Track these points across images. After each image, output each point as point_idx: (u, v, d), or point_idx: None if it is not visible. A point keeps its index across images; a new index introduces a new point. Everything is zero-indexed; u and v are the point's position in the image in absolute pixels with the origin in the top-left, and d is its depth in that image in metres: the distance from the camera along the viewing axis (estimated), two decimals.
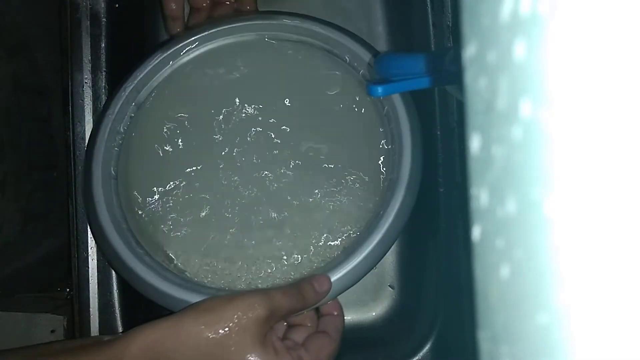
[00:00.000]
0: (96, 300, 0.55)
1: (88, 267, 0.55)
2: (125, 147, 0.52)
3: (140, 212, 0.52)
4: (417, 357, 0.58)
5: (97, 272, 0.55)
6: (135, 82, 0.53)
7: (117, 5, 0.58)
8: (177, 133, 0.53)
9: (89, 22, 0.56)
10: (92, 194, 0.50)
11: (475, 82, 0.17)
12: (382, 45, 0.62)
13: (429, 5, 0.58)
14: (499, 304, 0.17)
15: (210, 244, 0.51)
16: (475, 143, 0.17)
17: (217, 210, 0.52)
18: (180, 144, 0.53)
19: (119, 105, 0.52)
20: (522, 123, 0.15)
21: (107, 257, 0.50)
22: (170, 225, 0.51)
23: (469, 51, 0.17)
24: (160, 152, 0.53)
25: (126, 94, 0.52)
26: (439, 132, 0.58)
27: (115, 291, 0.55)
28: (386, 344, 0.61)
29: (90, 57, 0.56)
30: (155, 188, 0.52)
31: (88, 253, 0.55)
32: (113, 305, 0.55)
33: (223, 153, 0.53)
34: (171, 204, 0.52)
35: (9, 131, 0.53)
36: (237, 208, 0.52)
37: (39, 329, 0.55)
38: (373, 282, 0.63)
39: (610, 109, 0.14)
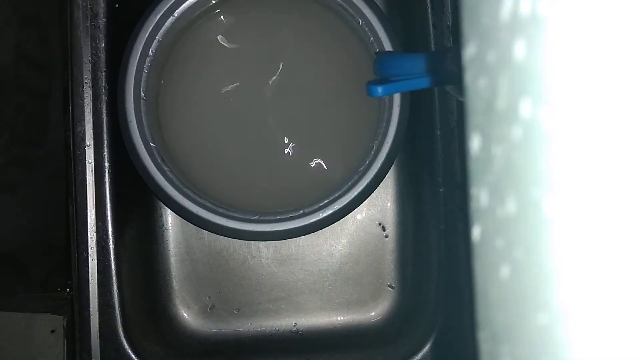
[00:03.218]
0: (96, 300, 0.55)
1: (88, 267, 0.55)
2: (153, 70, 0.56)
3: (166, 132, 0.58)
4: (417, 357, 0.58)
5: (97, 272, 0.55)
6: (165, 9, 0.55)
7: (117, 5, 0.58)
8: (201, 60, 0.58)
9: (89, 22, 0.56)
10: (124, 113, 0.55)
11: (475, 82, 0.17)
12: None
13: (429, 5, 0.58)
14: (499, 304, 0.17)
15: (224, 163, 0.59)
16: (475, 143, 0.17)
17: (234, 135, 0.59)
18: (205, 71, 0.59)
19: (149, 30, 0.55)
20: (522, 123, 0.15)
21: (138, 170, 0.55)
22: (192, 146, 0.58)
23: (469, 51, 0.17)
24: (184, 76, 0.58)
25: (156, 19, 0.55)
26: (439, 132, 0.58)
27: (115, 291, 0.55)
28: (386, 344, 0.61)
29: (90, 57, 0.56)
30: (180, 111, 0.58)
31: (88, 253, 0.55)
32: (113, 305, 0.55)
33: (242, 84, 0.59)
34: (194, 128, 0.58)
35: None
36: (255, 134, 0.59)
37: (39, 329, 0.55)
38: (373, 282, 0.63)
39: (610, 109, 0.14)
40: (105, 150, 0.56)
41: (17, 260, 0.58)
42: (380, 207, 0.63)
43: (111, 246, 0.56)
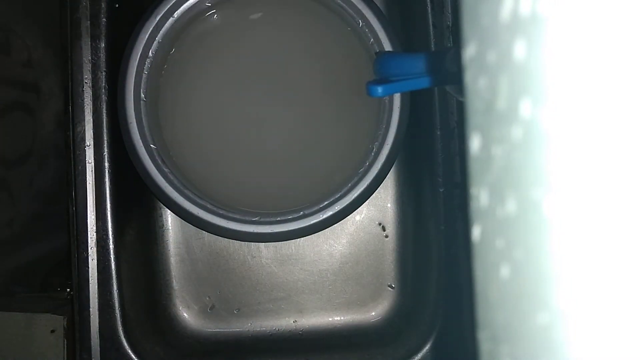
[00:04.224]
0: (96, 300, 0.55)
1: (88, 267, 0.55)
2: (153, 71, 0.56)
3: (166, 133, 0.58)
4: (417, 357, 0.58)
5: (97, 272, 0.55)
6: (165, 10, 0.55)
7: (117, 5, 0.58)
8: (202, 62, 0.58)
9: (89, 22, 0.56)
10: (124, 114, 0.54)
11: (475, 82, 0.17)
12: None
13: (429, 5, 0.58)
14: (499, 304, 0.17)
15: (224, 164, 0.59)
16: (475, 143, 0.17)
17: (234, 136, 0.59)
18: (206, 72, 0.58)
19: (149, 31, 0.55)
20: (522, 123, 0.15)
21: (139, 172, 0.55)
22: (193, 147, 0.58)
23: (469, 51, 0.17)
24: (185, 77, 0.58)
25: (156, 20, 0.55)
26: (439, 132, 0.58)
27: (115, 291, 0.55)
28: (386, 344, 0.61)
29: (90, 57, 0.56)
30: (180, 112, 0.58)
31: (88, 253, 0.55)
32: (113, 305, 0.55)
33: (242, 85, 0.59)
34: (194, 130, 0.58)
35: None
36: (255, 135, 0.59)
37: (39, 329, 0.55)
38: (373, 282, 0.63)
39: (610, 109, 0.14)
40: (105, 150, 0.56)
41: (17, 260, 0.58)
42: (380, 207, 0.63)
43: (111, 246, 0.56)
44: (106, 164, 0.56)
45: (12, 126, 0.44)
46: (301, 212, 0.55)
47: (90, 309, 0.55)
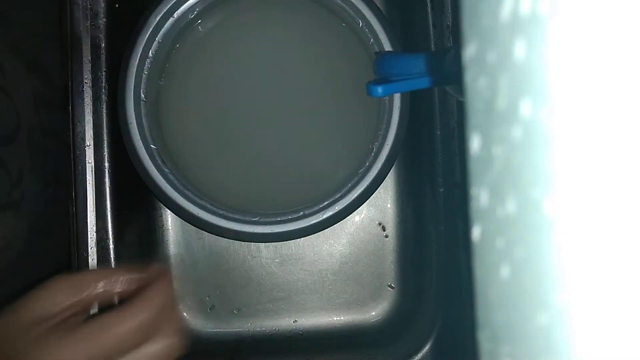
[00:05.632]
0: None
1: (88, 267, 0.55)
2: (153, 72, 0.56)
3: (166, 133, 0.58)
4: (417, 357, 0.58)
5: None
6: (165, 10, 0.55)
7: (117, 5, 0.58)
8: (202, 62, 0.58)
9: (89, 22, 0.56)
10: (124, 115, 0.54)
11: (475, 82, 0.17)
12: None
13: (429, 5, 0.58)
14: (499, 304, 0.17)
15: (224, 164, 0.59)
16: (475, 143, 0.17)
17: (235, 137, 0.59)
18: (206, 72, 0.59)
19: (149, 31, 0.55)
20: (522, 123, 0.15)
21: (139, 172, 0.55)
22: (193, 147, 0.58)
23: (469, 51, 0.17)
24: (185, 78, 0.58)
25: (156, 20, 0.55)
26: (439, 132, 0.58)
27: None
28: (386, 344, 0.61)
29: (90, 57, 0.56)
30: (181, 112, 0.58)
31: (88, 253, 0.55)
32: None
33: (242, 85, 0.59)
34: (194, 130, 0.58)
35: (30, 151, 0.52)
36: (255, 135, 0.59)
37: None
38: (373, 282, 0.63)
39: (611, 109, 0.14)
40: (105, 150, 0.56)
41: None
42: (380, 207, 0.63)
43: (111, 246, 0.56)
44: (106, 164, 0.56)
45: None
46: (301, 212, 0.55)
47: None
